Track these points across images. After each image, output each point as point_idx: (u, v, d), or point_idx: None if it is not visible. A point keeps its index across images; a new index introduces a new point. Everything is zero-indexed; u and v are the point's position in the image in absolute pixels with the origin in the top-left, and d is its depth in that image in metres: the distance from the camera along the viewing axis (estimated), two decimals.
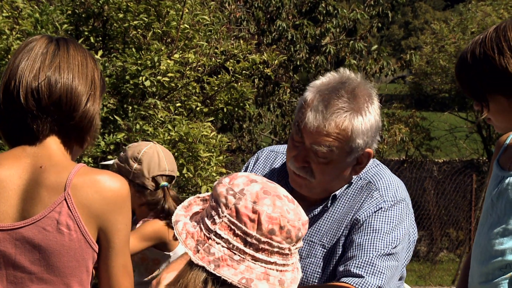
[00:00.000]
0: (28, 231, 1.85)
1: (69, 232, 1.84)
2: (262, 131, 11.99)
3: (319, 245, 2.37)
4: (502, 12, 17.28)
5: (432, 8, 63.99)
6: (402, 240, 2.32)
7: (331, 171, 2.35)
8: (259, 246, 1.71)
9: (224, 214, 1.72)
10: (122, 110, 6.01)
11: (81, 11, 6.25)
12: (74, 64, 1.97)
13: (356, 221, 2.33)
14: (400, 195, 2.40)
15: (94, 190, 1.87)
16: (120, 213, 1.90)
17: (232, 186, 1.76)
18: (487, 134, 17.96)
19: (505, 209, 2.36)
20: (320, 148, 2.31)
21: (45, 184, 1.87)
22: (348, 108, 2.31)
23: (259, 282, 1.70)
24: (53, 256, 1.85)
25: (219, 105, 6.59)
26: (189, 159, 5.60)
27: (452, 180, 14.31)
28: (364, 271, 2.22)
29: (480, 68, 2.31)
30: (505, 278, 2.33)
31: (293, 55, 10.96)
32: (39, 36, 2.06)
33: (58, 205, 1.84)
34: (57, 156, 1.93)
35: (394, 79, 22.87)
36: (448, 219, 14.67)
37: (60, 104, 1.93)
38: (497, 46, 2.26)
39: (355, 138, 2.31)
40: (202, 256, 1.71)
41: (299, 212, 1.78)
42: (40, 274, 1.86)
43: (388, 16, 11.62)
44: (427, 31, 23.44)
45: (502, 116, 2.35)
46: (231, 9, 11.02)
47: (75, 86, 1.94)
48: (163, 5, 6.23)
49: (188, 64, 6.39)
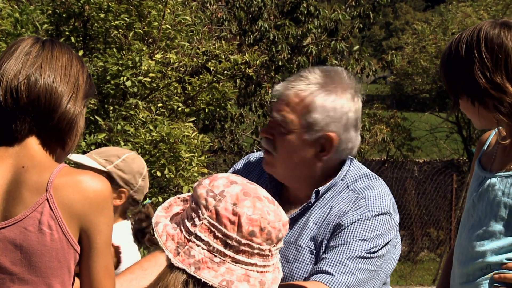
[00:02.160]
0: (10, 232, 1.84)
1: (50, 232, 1.83)
2: (244, 131, 11.98)
3: (307, 250, 2.35)
4: (482, 13, 17.42)
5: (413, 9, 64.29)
6: (382, 249, 2.30)
7: (290, 145, 2.32)
8: (239, 248, 1.71)
9: (204, 216, 1.72)
10: (103, 111, 5.99)
11: (62, 11, 6.22)
12: (57, 66, 1.96)
13: (338, 226, 2.31)
14: (386, 207, 2.35)
15: (75, 190, 1.86)
16: (102, 214, 1.89)
17: (212, 188, 1.75)
18: (467, 134, 18.08)
19: (486, 210, 2.37)
20: (278, 116, 2.31)
21: (27, 184, 1.86)
22: (315, 81, 2.31)
23: (239, 283, 1.70)
24: (35, 256, 1.84)
25: (200, 105, 6.58)
26: (171, 159, 5.59)
27: (432, 180, 14.38)
28: (334, 270, 2.21)
29: (451, 65, 2.34)
30: (486, 278, 2.35)
31: (274, 55, 10.97)
32: (27, 37, 2.05)
33: (40, 205, 1.84)
34: (39, 156, 1.92)
35: (376, 80, 22.99)
36: (428, 219, 14.74)
37: (39, 103, 1.92)
38: (470, 49, 2.29)
39: (312, 111, 2.29)
40: (183, 259, 1.71)
41: (280, 213, 1.78)
42: (21, 274, 1.85)
43: (369, 16, 11.66)
44: (408, 31, 23.56)
45: (470, 114, 2.38)
46: (212, 9, 11.00)
47: (55, 86, 1.93)
48: (144, 5, 6.21)
49: (169, 65, 6.38)
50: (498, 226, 2.33)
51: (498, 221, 2.33)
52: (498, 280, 2.31)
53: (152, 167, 5.58)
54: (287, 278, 2.33)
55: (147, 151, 5.55)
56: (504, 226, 2.31)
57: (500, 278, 2.30)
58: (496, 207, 2.33)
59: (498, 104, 2.26)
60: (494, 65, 2.25)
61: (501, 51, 2.25)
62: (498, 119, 2.28)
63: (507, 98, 2.24)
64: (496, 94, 2.25)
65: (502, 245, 2.32)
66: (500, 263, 2.32)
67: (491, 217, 2.35)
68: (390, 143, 16.73)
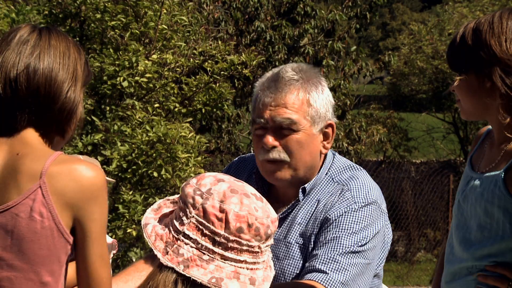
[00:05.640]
0: (2, 217, 1.83)
1: (41, 219, 1.83)
2: (240, 131, 11.98)
3: (297, 246, 2.37)
4: (478, 13, 17.43)
5: (410, 9, 64.36)
6: (371, 239, 2.33)
7: (302, 144, 2.37)
8: (228, 245, 1.71)
9: (192, 215, 1.73)
10: (100, 111, 5.99)
11: (58, 11, 6.22)
12: (55, 55, 1.95)
13: (326, 220, 2.34)
14: (371, 197, 2.39)
15: (69, 178, 1.85)
16: (96, 203, 1.88)
17: (199, 187, 1.76)
18: (464, 135, 18.10)
19: (471, 212, 2.37)
20: (283, 120, 2.34)
21: (21, 170, 1.85)
22: (298, 77, 2.39)
23: (229, 281, 1.70)
24: (24, 243, 1.83)
25: (197, 105, 6.58)
26: (167, 160, 5.59)
27: (429, 180, 14.39)
28: (327, 267, 2.23)
29: (468, 38, 2.32)
30: (470, 279, 2.35)
31: (271, 56, 10.97)
32: (23, 25, 2.03)
33: (32, 193, 1.83)
34: (34, 143, 1.91)
35: (372, 80, 22.99)
36: (425, 220, 14.75)
37: (39, 94, 1.90)
38: (491, 22, 2.28)
39: (312, 104, 2.38)
40: (171, 257, 1.71)
41: (268, 209, 1.79)
42: (10, 260, 1.85)
43: (366, 17, 11.68)
44: (404, 32, 23.57)
45: (469, 98, 2.35)
46: (209, 10, 11.00)
47: (54, 76, 1.92)
48: (141, 5, 6.21)
49: (166, 65, 6.38)
50: (481, 228, 2.33)
51: (481, 223, 2.33)
52: (482, 281, 2.31)
53: (149, 167, 5.58)
54: (278, 275, 2.34)
55: (144, 152, 5.55)
56: (485, 228, 2.31)
57: (484, 279, 2.30)
58: (479, 209, 2.33)
59: (508, 77, 2.23)
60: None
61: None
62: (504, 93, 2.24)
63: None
64: (510, 64, 2.23)
65: (484, 247, 2.32)
66: (483, 264, 2.32)
67: (475, 219, 2.35)
68: (387, 143, 16.73)
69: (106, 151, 5.55)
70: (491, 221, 2.29)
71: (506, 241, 2.26)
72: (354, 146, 12.32)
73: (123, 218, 5.63)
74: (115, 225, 5.66)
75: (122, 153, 5.54)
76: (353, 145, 12.30)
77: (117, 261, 6.23)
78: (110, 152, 5.53)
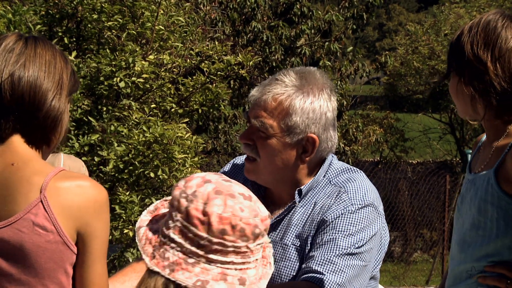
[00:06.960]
0: (4, 233, 1.83)
1: (46, 233, 1.83)
2: (237, 132, 11.98)
3: (293, 248, 2.36)
4: (474, 14, 17.45)
5: (406, 10, 64.44)
6: (368, 242, 2.32)
7: (272, 150, 2.34)
8: (212, 247, 1.70)
9: (177, 218, 1.72)
10: (97, 112, 5.99)
11: (55, 11, 6.21)
12: (41, 63, 1.95)
13: (323, 222, 2.33)
14: (368, 199, 2.37)
15: (75, 194, 1.85)
16: (99, 219, 1.89)
17: (185, 189, 1.75)
18: (460, 135, 18.14)
19: (467, 213, 2.40)
20: (257, 122, 2.32)
21: (20, 182, 1.85)
22: (291, 84, 2.33)
23: (215, 283, 1.70)
24: (30, 257, 1.83)
25: (194, 106, 6.58)
26: (164, 160, 5.59)
27: (426, 181, 14.40)
28: (324, 269, 2.22)
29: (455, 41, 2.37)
30: (470, 281, 2.36)
31: (268, 56, 10.98)
32: (10, 34, 2.03)
33: (34, 207, 1.83)
34: (26, 154, 1.91)
35: (369, 81, 23.01)
36: (422, 220, 14.77)
37: (23, 102, 1.90)
38: (470, 27, 2.33)
39: (292, 114, 2.30)
40: (157, 262, 1.71)
41: (257, 208, 1.76)
42: (17, 275, 1.85)
43: (362, 18, 11.69)
44: (401, 32, 23.61)
45: (456, 98, 2.40)
46: (206, 10, 11.00)
47: (39, 84, 1.92)
48: (137, 6, 6.21)
49: (163, 65, 6.38)
50: (475, 227, 2.34)
51: (474, 222, 2.34)
52: (481, 282, 2.32)
53: (145, 168, 5.58)
54: (275, 277, 2.34)
55: (140, 152, 5.54)
56: (480, 227, 2.33)
57: (483, 280, 2.31)
58: (473, 208, 2.35)
59: (475, 80, 2.28)
60: (483, 43, 2.28)
61: (493, 34, 2.28)
62: (472, 94, 2.29)
63: (486, 76, 2.26)
64: (477, 67, 2.27)
65: (481, 247, 2.33)
66: (482, 265, 2.33)
67: (469, 218, 2.37)
68: (383, 144, 16.77)
69: (102, 152, 5.55)
70: (485, 219, 2.31)
71: (502, 239, 2.27)
72: (350, 146, 12.35)
73: (119, 218, 5.63)
74: (112, 225, 5.65)
75: (119, 154, 5.54)
76: (350, 146, 12.32)
77: (114, 262, 6.23)
78: (106, 153, 5.53)
